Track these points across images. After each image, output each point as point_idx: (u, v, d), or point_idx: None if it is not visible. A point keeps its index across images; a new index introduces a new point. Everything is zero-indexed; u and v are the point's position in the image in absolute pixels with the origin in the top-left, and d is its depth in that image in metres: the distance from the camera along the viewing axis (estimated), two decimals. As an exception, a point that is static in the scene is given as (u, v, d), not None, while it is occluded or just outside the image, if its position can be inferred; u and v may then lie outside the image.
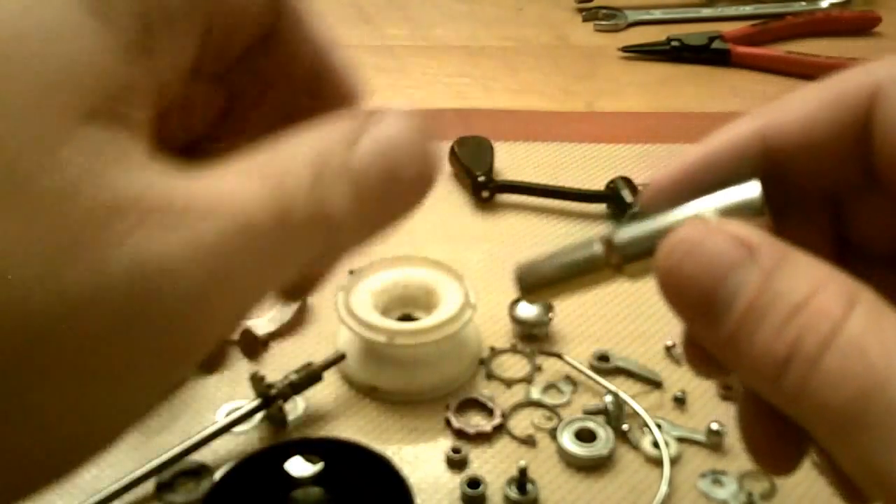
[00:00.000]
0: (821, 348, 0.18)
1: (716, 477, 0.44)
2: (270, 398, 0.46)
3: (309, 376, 0.47)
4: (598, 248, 0.23)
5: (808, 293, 0.19)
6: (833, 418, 0.18)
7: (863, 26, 0.92)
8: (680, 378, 0.50)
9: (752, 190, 0.21)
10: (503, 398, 0.49)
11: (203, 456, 0.45)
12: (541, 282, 0.24)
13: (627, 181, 0.62)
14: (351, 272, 0.52)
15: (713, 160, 0.23)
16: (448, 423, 0.47)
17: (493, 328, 0.53)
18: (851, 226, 0.24)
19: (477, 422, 0.48)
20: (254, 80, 0.23)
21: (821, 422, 0.18)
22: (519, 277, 0.24)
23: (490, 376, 0.51)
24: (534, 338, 0.53)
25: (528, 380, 0.50)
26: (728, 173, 0.22)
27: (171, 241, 0.16)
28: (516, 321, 0.52)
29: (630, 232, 0.23)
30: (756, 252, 0.20)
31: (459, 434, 0.47)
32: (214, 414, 0.48)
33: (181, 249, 0.16)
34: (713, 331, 0.20)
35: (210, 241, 0.17)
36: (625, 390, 0.48)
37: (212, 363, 0.51)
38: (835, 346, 0.18)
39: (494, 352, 0.52)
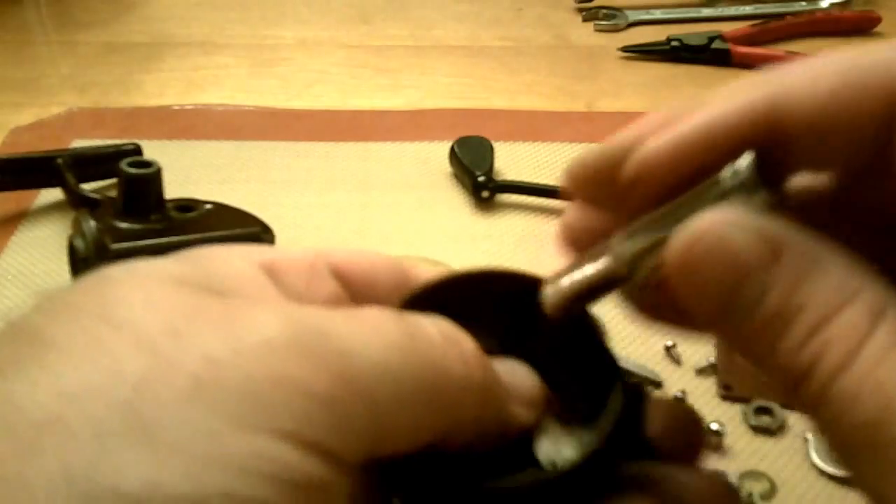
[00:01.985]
0: (840, 367, 0.17)
1: (716, 477, 0.44)
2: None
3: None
4: (612, 264, 0.21)
5: (836, 305, 0.18)
6: (845, 437, 0.17)
7: (863, 26, 0.92)
8: (680, 378, 0.50)
9: (744, 167, 0.19)
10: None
11: None
12: (565, 302, 0.22)
13: (627, 181, 0.62)
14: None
15: (712, 132, 0.20)
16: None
17: (493, 328, 0.53)
18: (853, 195, 0.22)
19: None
20: None
21: (834, 435, 0.18)
22: (544, 300, 0.22)
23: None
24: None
25: (528, 380, 0.50)
26: (729, 147, 0.20)
27: None
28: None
29: (637, 243, 0.21)
30: (783, 254, 0.18)
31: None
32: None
33: None
34: (730, 328, 0.19)
35: None
36: (625, 390, 0.48)
37: None
38: (855, 366, 0.17)
39: (494, 352, 0.52)
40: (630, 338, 0.52)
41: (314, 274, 0.22)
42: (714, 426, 0.45)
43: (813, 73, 0.19)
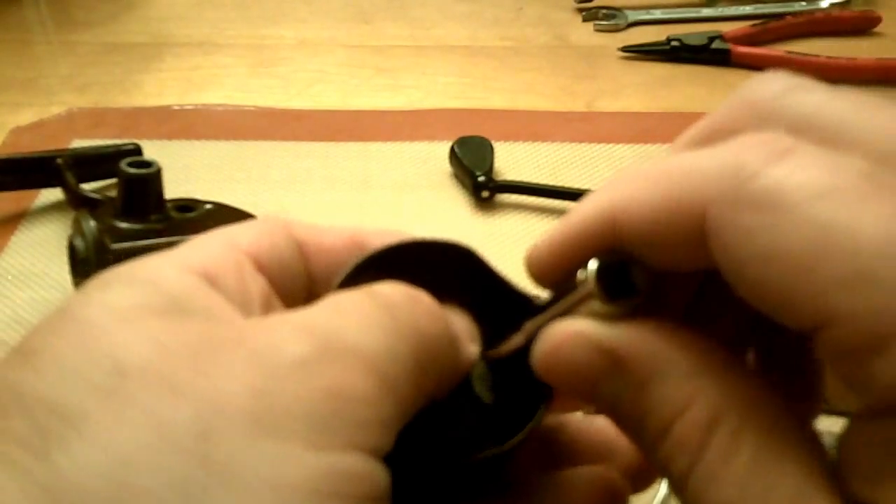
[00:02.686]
0: (685, 474, 0.18)
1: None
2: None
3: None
4: (521, 340, 0.23)
5: (672, 415, 0.19)
6: None
7: (863, 26, 0.92)
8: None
9: (588, 276, 0.20)
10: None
11: None
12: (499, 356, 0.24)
13: (627, 181, 0.62)
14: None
15: (576, 241, 0.21)
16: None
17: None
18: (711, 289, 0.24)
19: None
20: None
21: None
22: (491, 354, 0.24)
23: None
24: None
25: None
26: (585, 253, 0.21)
27: None
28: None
29: (530, 329, 0.23)
30: (622, 365, 0.20)
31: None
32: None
33: None
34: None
35: None
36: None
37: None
38: (693, 479, 0.18)
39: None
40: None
41: (243, 274, 0.22)
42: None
43: (647, 187, 0.20)
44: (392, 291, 0.21)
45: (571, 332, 0.20)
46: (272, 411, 0.17)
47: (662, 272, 0.20)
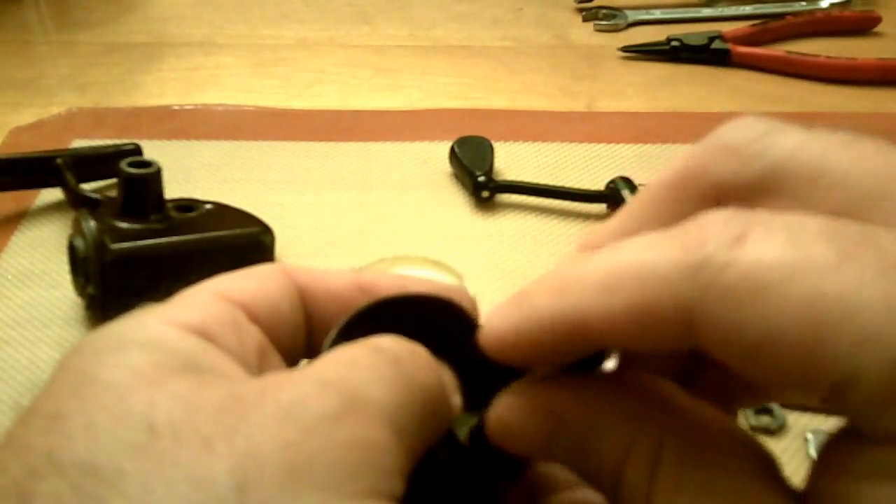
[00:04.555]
0: None
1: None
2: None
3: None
4: None
5: (622, 454, 0.20)
6: None
7: (863, 26, 0.92)
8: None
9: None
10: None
11: None
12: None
13: (627, 181, 0.62)
14: (351, 272, 0.52)
15: (537, 340, 0.21)
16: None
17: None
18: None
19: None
20: None
21: None
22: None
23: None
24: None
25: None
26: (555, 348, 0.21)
27: None
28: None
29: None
30: (565, 424, 0.21)
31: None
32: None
33: None
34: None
35: None
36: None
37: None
38: None
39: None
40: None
41: (238, 327, 0.23)
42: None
43: (605, 292, 0.19)
44: (395, 346, 0.22)
45: (515, 399, 0.22)
46: (305, 463, 0.18)
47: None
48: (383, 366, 0.21)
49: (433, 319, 0.25)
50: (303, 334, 0.25)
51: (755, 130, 0.21)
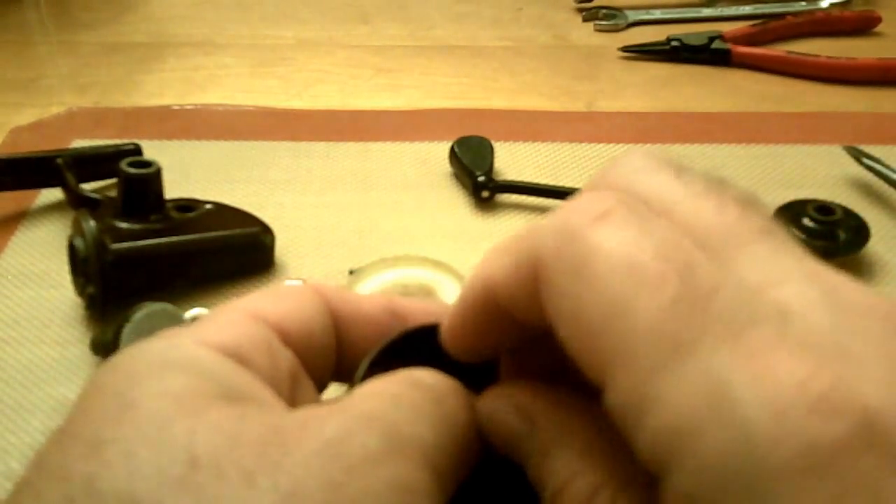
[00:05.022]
0: None
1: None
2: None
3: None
4: None
5: (564, 481, 0.20)
6: None
7: (863, 26, 0.92)
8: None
9: None
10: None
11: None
12: None
13: (627, 181, 0.62)
14: (351, 272, 0.51)
15: (471, 316, 0.23)
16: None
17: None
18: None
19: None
20: None
21: None
22: None
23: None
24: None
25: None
26: (490, 323, 0.23)
27: None
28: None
29: None
30: (535, 425, 0.22)
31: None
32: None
33: None
34: None
35: None
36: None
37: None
38: None
39: (494, 352, 0.52)
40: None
41: (272, 350, 0.23)
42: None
43: (504, 251, 0.21)
44: (436, 383, 0.22)
45: (501, 393, 0.23)
46: (346, 503, 0.18)
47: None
48: (426, 405, 0.21)
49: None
50: (333, 357, 0.25)
51: (632, 166, 0.21)
